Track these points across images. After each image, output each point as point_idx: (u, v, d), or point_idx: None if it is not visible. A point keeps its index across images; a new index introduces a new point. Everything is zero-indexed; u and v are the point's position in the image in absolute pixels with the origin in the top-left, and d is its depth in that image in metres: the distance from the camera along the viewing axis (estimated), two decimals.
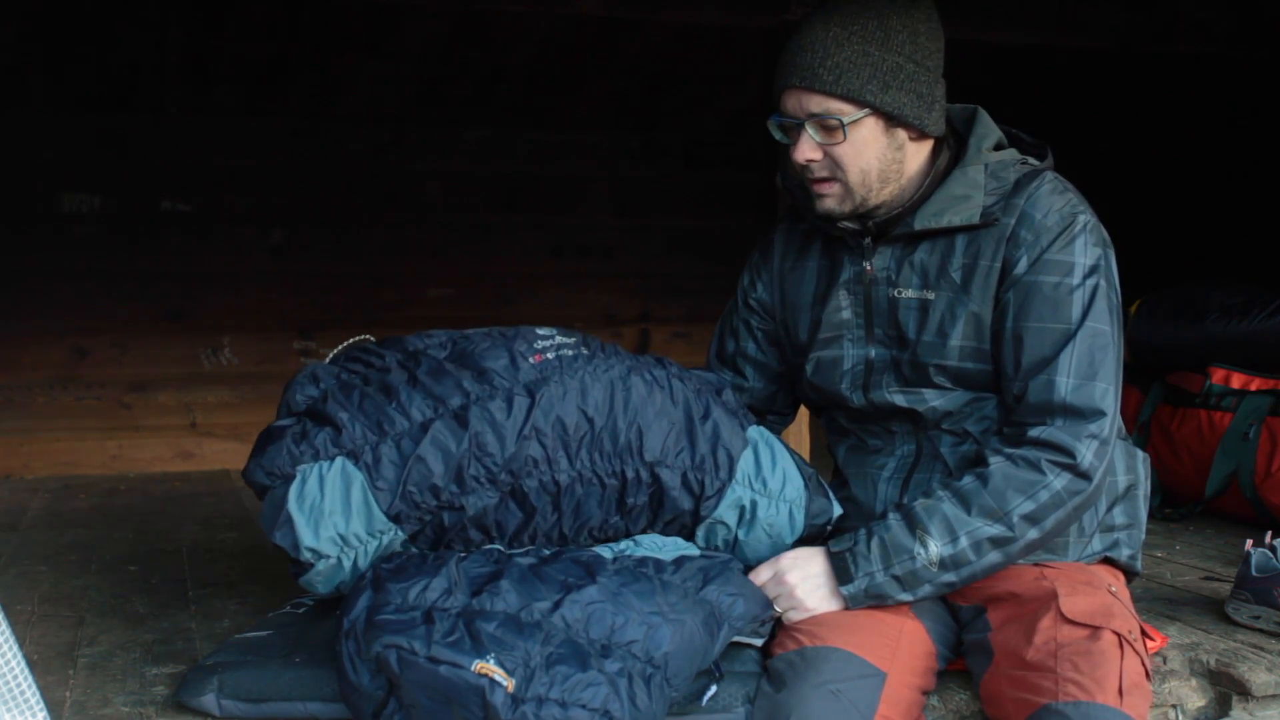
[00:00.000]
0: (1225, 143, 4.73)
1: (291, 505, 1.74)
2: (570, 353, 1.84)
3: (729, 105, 4.85)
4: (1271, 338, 3.17)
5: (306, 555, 1.75)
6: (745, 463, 1.86)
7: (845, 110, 1.80)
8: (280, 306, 4.59)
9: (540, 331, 1.89)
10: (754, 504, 1.86)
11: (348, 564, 1.76)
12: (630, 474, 1.82)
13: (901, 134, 1.86)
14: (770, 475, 1.87)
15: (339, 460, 1.75)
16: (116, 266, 4.39)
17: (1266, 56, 3.84)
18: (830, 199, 1.87)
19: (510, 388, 1.78)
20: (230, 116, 4.46)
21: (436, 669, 1.53)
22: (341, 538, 1.74)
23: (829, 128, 1.82)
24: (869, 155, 1.84)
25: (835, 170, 1.84)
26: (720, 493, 1.85)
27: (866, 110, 1.81)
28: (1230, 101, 4.66)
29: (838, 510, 1.93)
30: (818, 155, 1.84)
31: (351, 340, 2.00)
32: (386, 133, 4.65)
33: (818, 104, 1.81)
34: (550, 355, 1.83)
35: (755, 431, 1.91)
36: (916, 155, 1.90)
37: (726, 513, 1.86)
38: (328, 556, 1.75)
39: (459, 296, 4.81)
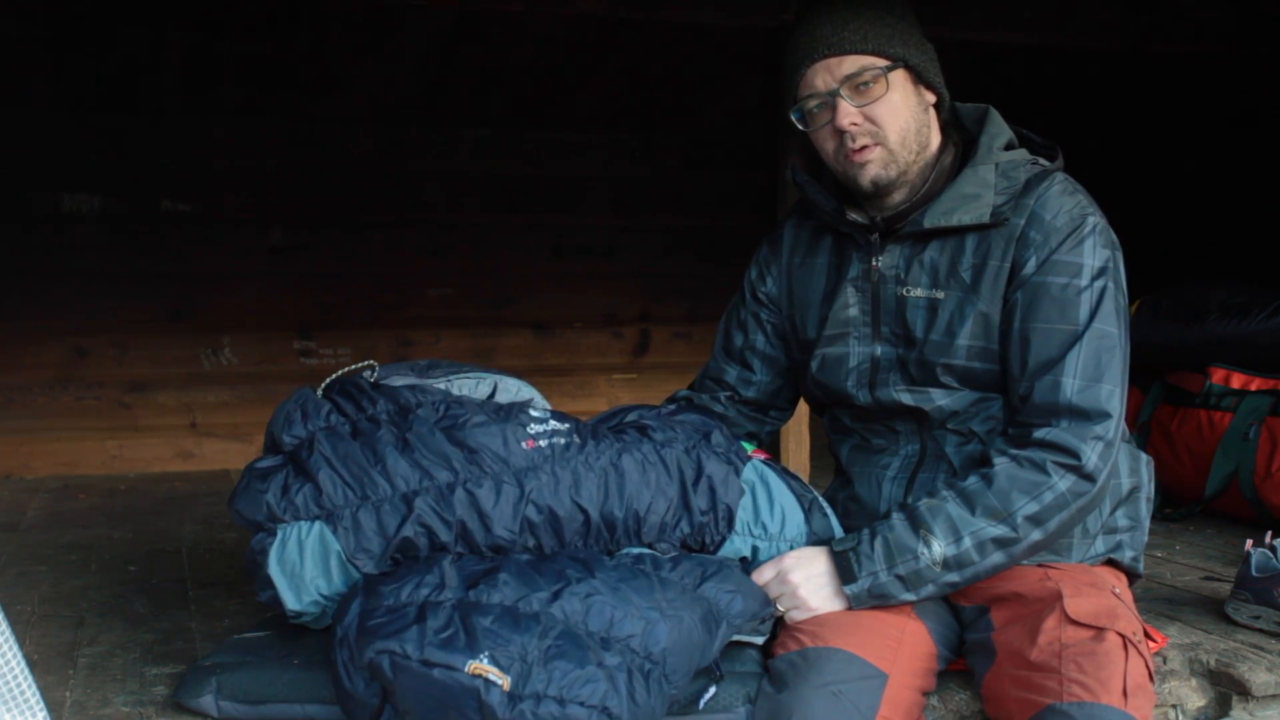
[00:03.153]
0: (1225, 142, 4.72)
1: (273, 570, 1.76)
2: (563, 441, 1.83)
3: (729, 105, 4.85)
4: (1271, 338, 3.17)
5: (291, 614, 1.78)
6: (743, 510, 1.86)
7: (879, 63, 1.83)
8: (280, 306, 4.59)
9: (534, 413, 1.87)
10: (754, 549, 1.88)
11: (333, 610, 1.77)
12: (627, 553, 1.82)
13: (926, 95, 1.90)
14: (769, 518, 1.88)
15: (318, 525, 1.75)
16: (116, 266, 4.39)
17: (1267, 55, 3.84)
18: (874, 164, 1.87)
19: (499, 474, 1.77)
20: (230, 116, 4.46)
21: (430, 672, 1.52)
22: (325, 598, 1.77)
23: (864, 86, 1.84)
24: (905, 113, 1.86)
25: (876, 133, 1.85)
26: (719, 545, 1.86)
27: (898, 63, 1.84)
28: (1230, 101, 4.66)
29: (839, 534, 1.93)
30: (859, 119, 1.85)
31: (351, 368, 1.98)
32: (387, 133, 4.65)
33: (851, 64, 1.83)
34: (543, 443, 1.81)
35: (751, 470, 1.91)
36: (934, 131, 1.93)
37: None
38: (312, 614, 1.79)
39: (459, 296, 4.80)
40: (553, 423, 1.86)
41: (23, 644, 1.76)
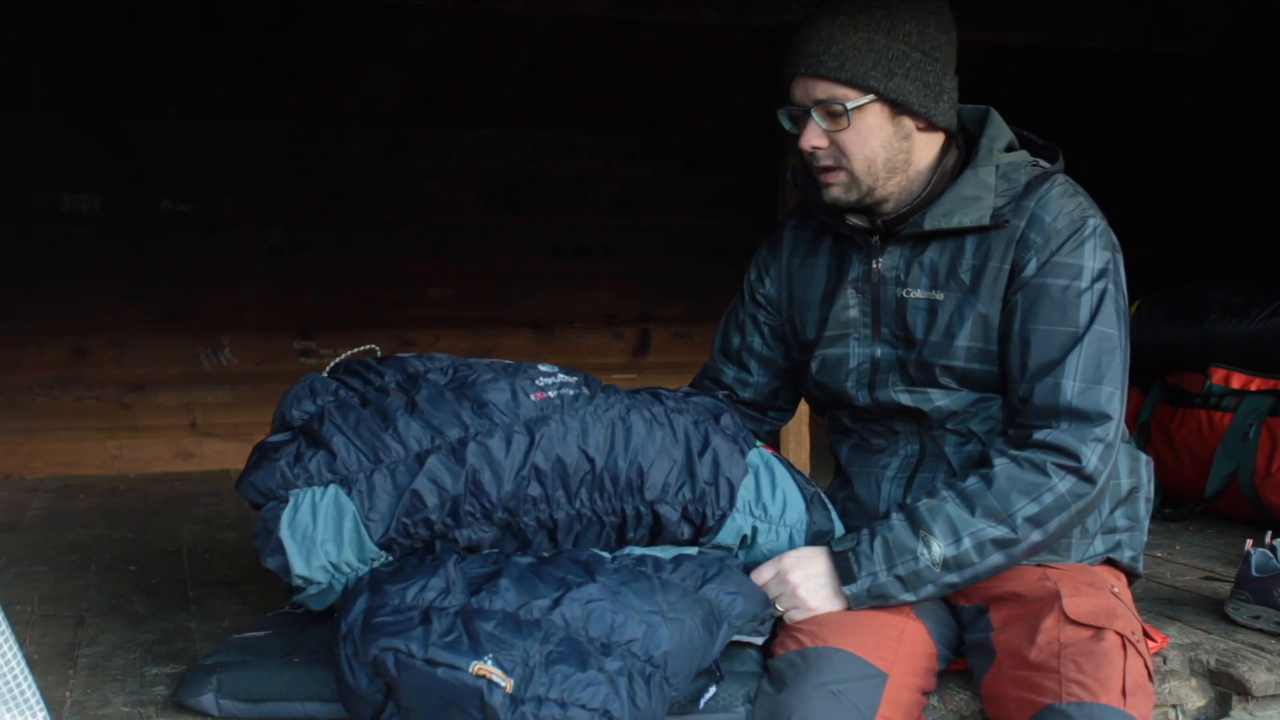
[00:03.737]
0: (1226, 142, 4.73)
1: (284, 533, 1.75)
2: (572, 392, 1.83)
3: (729, 105, 4.85)
4: (1272, 338, 3.17)
5: (298, 581, 1.77)
6: (745, 490, 1.86)
7: (849, 95, 1.81)
8: (280, 306, 4.59)
9: (543, 368, 1.88)
10: (754, 530, 1.87)
11: (339, 587, 1.77)
12: (630, 511, 1.82)
13: (909, 123, 1.86)
14: (770, 500, 1.87)
15: (332, 488, 1.75)
16: (116, 266, 4.39)
17: (1267, 55, 3.84)
18: (836, 188, 1.87)
19: (510, 424, 1.77)
20: (230, 116, 4.46)
21: (434, 671, 1.53)
22: (333, 565, 1.75)
23: (834, 114, 1.82)
24: (874, 143, 1.83)
25: (840, 159, 1.84)
26: (720, 521, 1.85)
27: (871, 96, 1.81)
28: (1231, 101, 4.66)
29: (839, 530, 1.93)
30: (823, 143, 1.84)
31: (354, 350, 1.99)
32: (386, 133, 4.65)
33: (823, 90, 1.81)
34: (552, 394, 1.82)
35: (756, 455, 1.91)
36: (926, 148, 1.89)
37: (727, 539, 1.87)
38: (319, 582, 1.77)
39: (459, 296, 4.80)
40: (561, 376, 1.87)
41: (23, 644, 1.77)
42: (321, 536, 1.74)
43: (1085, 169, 2.19)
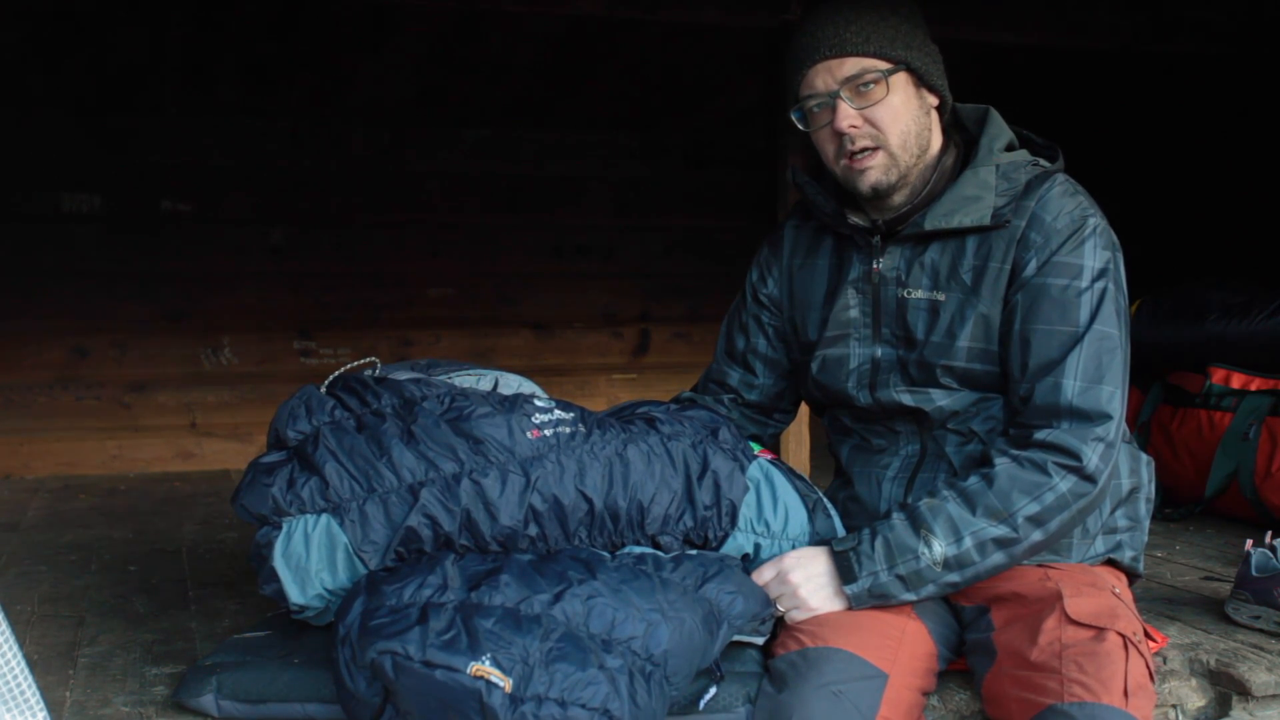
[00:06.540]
0: (1226, 142, 4.72)
1: (278, 563, 1.75)
2: (568, 430, 1.83)
3: (729, 105, 4.85)
4: (1272, 338, 3.17)
5: (295, 608, 1.78)
6: (747, 507, 1.86)
7: (880, 65, 1.83)
8: (280, 306, 4.59)
9: (539, 403, 1.87)
10: (757, 547, 1.87)
11: (335, 606, 1.77)
12: (630, 544, 1.82)
13: (928, 98, 1.89)
14: (772, 515, 1.87)
15: (324, 518, 1.75)
16: (116, 266, 4.39)
17: (1267, 55, 3.84)
18: (875, 170, 1.87)
19: (505, 463, 1.77)
20: (230, 116, 4.46)
21: (432, 674, 1.52)
22: (329, 592, 1.76)
23: (865, 88, 1.83)
24: (906, 116, 1.85)
25: (876, 136, 1.85)
26: (723, 541, 1.85)
27: (900, 66, 1.83)
28: (1231, 101, 4.66)
29: (841, 534, 1.93)
30: (859, 121, 1.84)
31: (353, 364, 1.98)
32: (386, 133, 4.65)
33: (852, 66, 1.83)
34: (548, 432, 1.81)
35: (756, 468, 1.90)
36: (936, 132, 1.92)
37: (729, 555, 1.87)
38: (316, 608, 1.78)
39: (459, 296, 4.81)
40: (558, 412, 1.86)
41: (23, 644, 1.77)
42: (316, 566, 1.75)
43: (1086, 168, 2.18)
